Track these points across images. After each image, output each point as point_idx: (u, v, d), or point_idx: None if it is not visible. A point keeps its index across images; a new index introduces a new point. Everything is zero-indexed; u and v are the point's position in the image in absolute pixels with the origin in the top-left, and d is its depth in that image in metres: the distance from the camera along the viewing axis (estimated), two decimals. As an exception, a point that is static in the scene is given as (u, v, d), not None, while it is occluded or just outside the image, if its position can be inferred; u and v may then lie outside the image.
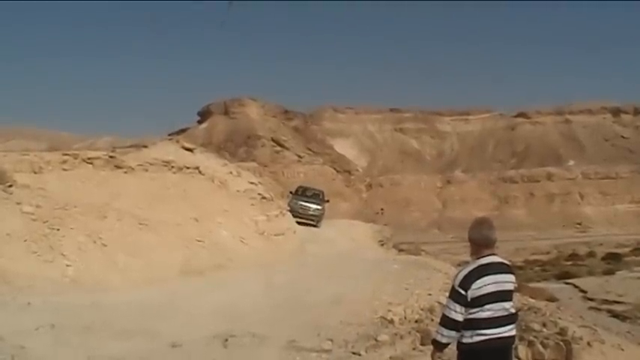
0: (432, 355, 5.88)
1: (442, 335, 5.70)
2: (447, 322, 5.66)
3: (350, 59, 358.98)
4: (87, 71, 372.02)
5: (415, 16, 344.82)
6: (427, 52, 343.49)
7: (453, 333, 5.66)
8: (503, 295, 5.69)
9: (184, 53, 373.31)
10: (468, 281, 5.59)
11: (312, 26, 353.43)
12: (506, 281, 5.72)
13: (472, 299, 5.56)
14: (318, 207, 36.14)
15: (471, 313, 5.59)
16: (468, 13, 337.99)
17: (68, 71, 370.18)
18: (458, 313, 5.59)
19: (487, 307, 5.58)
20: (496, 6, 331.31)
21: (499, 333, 5.63)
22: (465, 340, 5.65)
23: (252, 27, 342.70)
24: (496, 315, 5.61)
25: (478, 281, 5.57)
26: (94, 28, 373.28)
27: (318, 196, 38.50)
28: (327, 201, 39.03)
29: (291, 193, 39.33)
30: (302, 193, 38.92)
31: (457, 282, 5.64)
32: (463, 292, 5.57)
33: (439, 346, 5.77)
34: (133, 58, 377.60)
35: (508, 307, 5.72)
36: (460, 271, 5.76)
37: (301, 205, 35.38)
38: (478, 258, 5.75)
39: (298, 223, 29.99)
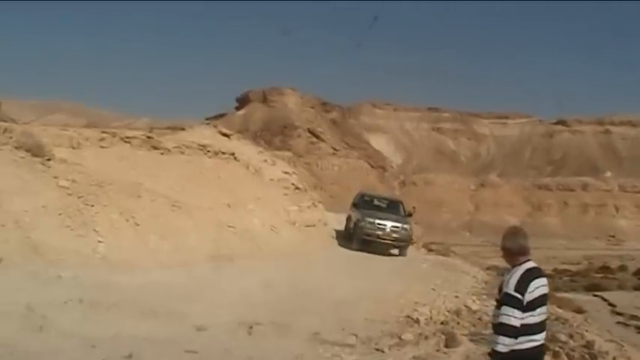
0: None
1: (504, 345, 5.48)
2: (508, 331, 5.48)
3: (392, 56, 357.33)
4: (128, 52, 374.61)
5: (458, 19, 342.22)
6: (469, 54, 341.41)
7: (512, 341, 5.49)
8: (546, 299, 5.67)
9: (228, 40, 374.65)
10: (522, 285, 5.50)
11: (356, 23, 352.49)
12: (545, 284, 5.67)
13: (527, 303, 5.47)
14: (405, 225, 24.61)
15: (523, 318, 5.48)
16: (511, 16, 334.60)
17: (110, 50, 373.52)
18: (517, 319, 5.45)
19: (538, 310, 5.52)
20: (541, 10, 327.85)
21: (543, 338, 5.59)
22: (515, 347, 5.49)
23: (297, 20, 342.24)
24: (542, 319, 5.57)
25: (531, 285, 5.51)
26: (141, 11, 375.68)
27: (396, 208, 26.98)
28: (411, 214, 26.76)
29: (357, 205, 26.45)
30: (371, 203, 27.26)
31: (511, 287, 5.52)
32: (520, 296, 5.46)
33: (496, 357, 5.55)
34: (175, 40, 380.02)
35: (546, 310, 5.69)
36: (510, 278, 5.61)
37: (376, 223, 24.01)
38: (518, 264, 5.66)
39: (362, 250, 23.35)
